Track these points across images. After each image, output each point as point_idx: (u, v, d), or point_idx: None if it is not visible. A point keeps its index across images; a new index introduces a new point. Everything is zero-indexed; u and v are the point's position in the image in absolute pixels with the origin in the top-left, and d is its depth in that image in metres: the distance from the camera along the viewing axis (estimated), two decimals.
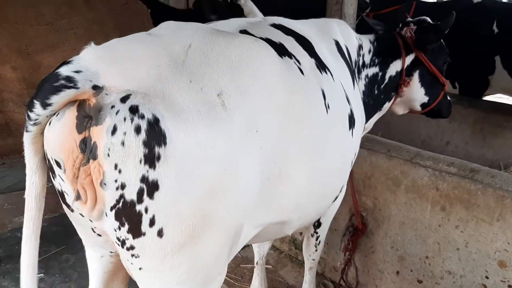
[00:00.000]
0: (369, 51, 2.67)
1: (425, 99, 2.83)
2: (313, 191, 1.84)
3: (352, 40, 2.56)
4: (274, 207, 1.65)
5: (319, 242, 2.75)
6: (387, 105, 2.85)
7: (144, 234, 1.24)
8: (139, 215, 1.21)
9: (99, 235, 1.47)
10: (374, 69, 2.68)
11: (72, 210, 1.40)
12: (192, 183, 1.23)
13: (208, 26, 1.55)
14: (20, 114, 5.59)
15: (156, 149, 1.16)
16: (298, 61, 1.74)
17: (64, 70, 1.17)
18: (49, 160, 1.30)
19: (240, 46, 1.45)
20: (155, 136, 1.16)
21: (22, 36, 5.70)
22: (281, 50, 1.69)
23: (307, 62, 1.82)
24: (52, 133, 1.23)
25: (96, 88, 1.17)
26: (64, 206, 1.43)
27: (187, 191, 1.23)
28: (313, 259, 2.86)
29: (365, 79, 2.65)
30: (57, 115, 1.23)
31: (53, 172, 1.32)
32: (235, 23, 1.83)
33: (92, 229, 1.45)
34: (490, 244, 2.43)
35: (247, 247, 3.78)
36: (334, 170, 1.96)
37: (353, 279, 3.24)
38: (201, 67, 1.32)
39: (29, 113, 1.18)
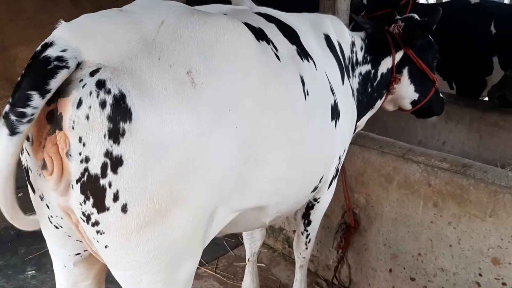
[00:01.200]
0: (361, 49, 2.69)
1: (415, 96, 2.84)
2: (291, 177, 1.81)
3: (345, 36, 2.57)
4: (251, 191, 1.63)
5: (310, 240, 2.73)
6: (379, 103, 2.87)
7: (108, 209, 1.22)
8: (103, 189, 1.20)
9: (56, 227, 1.45)
10: (367, 67, 2.70)
11: (34, 191, 1.38)
12: (157, 160, 1.21)
13: (184, 5, 1.53)
14: None
15: (121, 124, 1.15)
16: (275, 47, 1.72)
17: (52, 52, 1.14)
18: None
19: (214, 24, 1.43)
20: (120, 111, 1.15)
21: (0, 30, 5.71)
22: (260, 35, 1.67)
23: (286, 48, 1.80)
24: None
25: (79, 64, 1.16)
26: (29, 189, 1.41)
27: (152, 168, 1.21)
28: (304, 257, 2.84)
29: (358, 77, 2.67)
30: None
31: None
32: (217, 8, 1.82)
33: (49, 218, 1.43)
34: (483, 241, 2.40)
35: (241, 245, 3.75)
36: (313, 158, 1.93)
37: (346, 277, 3.20)
38: (171, 44, 1.30)
39: (21, 110, 1.08)
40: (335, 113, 2.07)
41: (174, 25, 1.34)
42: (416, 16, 2.77)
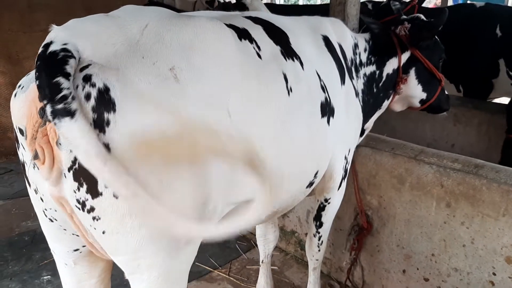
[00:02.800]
0: (365, 50, 2.72)
1: (423, 95, 2.87)
2: (282, 171, 1.86)
3: (346, 38, 2.60)
4: (243, 184, 1.66)
5: (322, 242, 2.76)
6: (386, 103, 2.90)
7: (101, 194, 1.28)
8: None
9: (51, 221, 1.50)
10: (371, 68, 2.73)
11: (29, 185, 1.45)
12: (144, 149, 1.27)
13: (167, 10, 1.60)
14: (7, 118, 5.71)
15: (105, 115, 1.22)
16: (258, 46, 1.79)
17: (55, 47, 1.22)
18: (14, 130, 1.38)
19: (195, 25, 1.51)
20: (104, 103, 1.22)
21: (14, 43, 5.83)
22: (243, 34, 1.74)
23: (270, 48, 1.86)
24: (17, 102, 1.33)
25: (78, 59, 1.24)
26: (26, 183, 1.48)
27: (139, 156, 1.27)
28: (317, 260, 2.86)
29: (363, 78, 2.70)
30: (22, 88, 1.34)
31: (18, 142, 1.40)
32: (205, 14, 1.89)
33: (44, 212, 1.48)
34: (496, 240, 2.42)
35: (253, 248, 3.78)
36: (303, 153, 1.97)
37: (359, 279, 3.22)
38: (155, 45, 1.38)
39: (59, 95, 1.13)
40: (326, 110, 2.11)
41: (157, 28, 1.42)
42: (422, 16, 2.78)
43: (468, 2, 5.16)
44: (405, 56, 2.74)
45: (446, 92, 3.06)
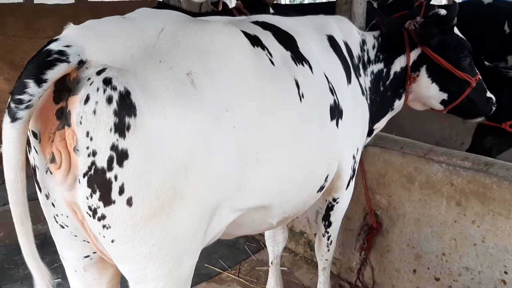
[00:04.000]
0: (373, 47, 2.68)
1: (443, 95, 2.70)
2: (292, 177, 1.85)
3: (353, 35, 2.58)
4: (253, 191, 1.67)
5: (331, 242, 2.75)
6: (398, 103, 2.81)
7: (114, 202, 1.27)
8: (109, 182, 1.24)
9: (62, 227, 1.49)
10: (379, 66, 2.68)
11: (40, 190, 1.43)
12: (161, 155, 1.27)
13: (183, 14, 1.60)
14: None
15: (127, 119, 1.21)
16: (270, 53, 1.78)
17: (55, 46, 1.21)
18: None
19: (211, 30, 1.51)
20: (125, 107, 1.21)
21: (18, 49, 5.79)
22: (255, 41, 1.74)
23: (281, 54, 1.85)
24: None
25: (81, 62, 1.22)
26: (36, 189, 1.46)
27: (155, 162, 1.26)
28: (326, 259, 2.85)
29: (371, 75, 2.66)
30: None
31: (29, 145, 1.37)
32: (216, 18, 1.88)
33: (55, 218, 1.47)
34: (508, 238, 2.40)
35: (262, 249, 3.78)
36: (314, 158, 1.96)
37: (370, 279, 3.20)
38: (171, 49, 1.37)
39: (18, 96, 1.13)
40: (335, 113, 2.10)
41: (173, 32, 1.42)
42: (441, 11, 2.62)
43: None
44: (415, 54, 2.65)
45: (490, 95, 2.85)
